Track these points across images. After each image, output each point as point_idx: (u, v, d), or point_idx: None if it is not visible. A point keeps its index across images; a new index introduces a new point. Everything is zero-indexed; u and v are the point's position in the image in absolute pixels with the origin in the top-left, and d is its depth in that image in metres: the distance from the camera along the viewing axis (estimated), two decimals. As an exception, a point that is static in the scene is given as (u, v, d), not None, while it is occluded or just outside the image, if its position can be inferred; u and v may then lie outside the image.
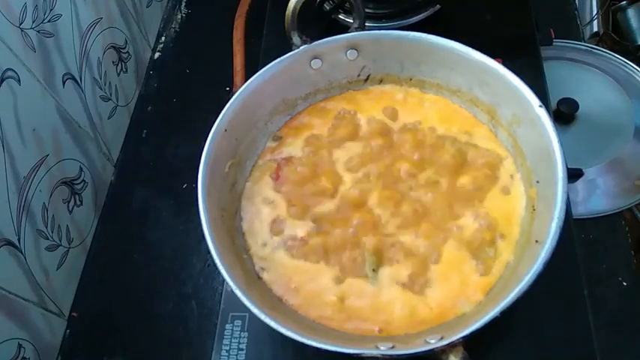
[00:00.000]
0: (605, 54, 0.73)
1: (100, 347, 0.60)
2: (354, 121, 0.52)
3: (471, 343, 0.36)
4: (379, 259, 0.45)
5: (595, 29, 0.90)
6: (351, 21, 0.52)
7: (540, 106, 0.43)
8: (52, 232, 0.59)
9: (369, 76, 0.53)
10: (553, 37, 0.66)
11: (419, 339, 0.39)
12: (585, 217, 0.63)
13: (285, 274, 0.45)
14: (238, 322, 0.48)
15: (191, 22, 0.86)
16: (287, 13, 0.48)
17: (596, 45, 0.78)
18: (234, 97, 0.47)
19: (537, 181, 0.44)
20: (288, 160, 0.50)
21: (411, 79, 0.52)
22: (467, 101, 0.51)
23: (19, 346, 0.53)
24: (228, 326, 0.48)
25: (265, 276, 0.45)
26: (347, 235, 0.46)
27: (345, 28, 0.51)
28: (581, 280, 0.48)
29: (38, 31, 0.57)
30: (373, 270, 0.44)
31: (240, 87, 0.48)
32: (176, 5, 0.87)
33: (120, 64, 0.74)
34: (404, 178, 0.48)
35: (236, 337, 0.47)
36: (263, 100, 0.50)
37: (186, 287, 0.62)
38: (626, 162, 0.65)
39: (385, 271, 0.44)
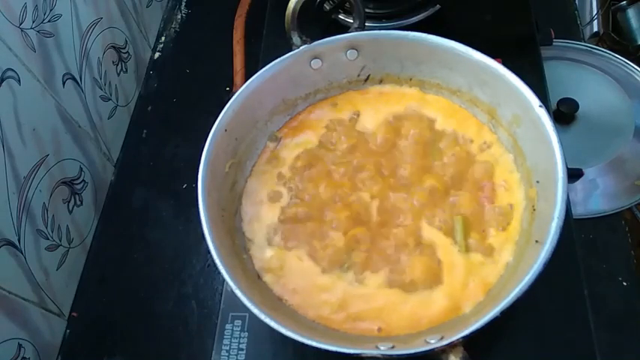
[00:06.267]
0: (605, 54, 0.73)
1: (100, 347, 0.60)
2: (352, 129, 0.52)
3: (471, 343, 0.36)
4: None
5: (595, 29, 0.90)
6: (351, 21, 0.52)
7: (540, 106, 0.43)
8: (52, 232, 0.59)
9: (369, 76, 0.53)
10: (553, 37, 0.66)
11: (419, 339, 0.39)
12: (585, 217, 0.63)
13: (284, 274, 0.45)
14: (238, 322, 0.48)
15: (191, 22, 0.86)
16: (287, 13, 0.48)
17: (596, 45, 0.78)
18: (234, 97, 0.47)
19: (537, 181, 0.44)
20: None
21: (411, 79, 0.52)
22: (467, 101, 0.51)
23: (19, 346, 0.53)
24: (228, 326, 0.48)
25: (265, 276, 0.45)
26: (347, 235, 0.46)
27: (345, 28, 0.51)
28: (581, 280, 0.48)
29: (38, 31, 0.57)
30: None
31: (240, 87, 0.48)
32: (176, 5, 0.87)
33: (120, 64, 0.74)
34: (405, 179, 0.48)
35: (236, 337, 0.47)
36: (263, 100, 0.50)
37: (186, 287, 0.62)
38: (626, 162, 0.65)
39: (384, 272, 0.44)
